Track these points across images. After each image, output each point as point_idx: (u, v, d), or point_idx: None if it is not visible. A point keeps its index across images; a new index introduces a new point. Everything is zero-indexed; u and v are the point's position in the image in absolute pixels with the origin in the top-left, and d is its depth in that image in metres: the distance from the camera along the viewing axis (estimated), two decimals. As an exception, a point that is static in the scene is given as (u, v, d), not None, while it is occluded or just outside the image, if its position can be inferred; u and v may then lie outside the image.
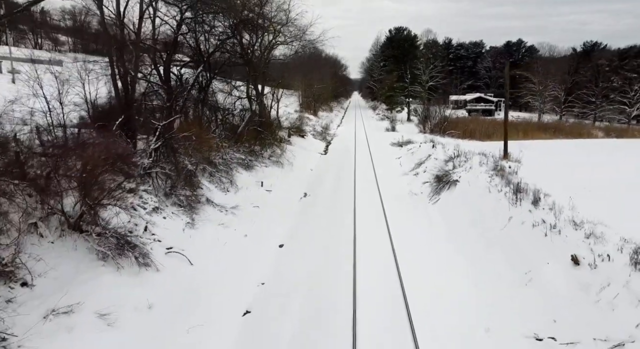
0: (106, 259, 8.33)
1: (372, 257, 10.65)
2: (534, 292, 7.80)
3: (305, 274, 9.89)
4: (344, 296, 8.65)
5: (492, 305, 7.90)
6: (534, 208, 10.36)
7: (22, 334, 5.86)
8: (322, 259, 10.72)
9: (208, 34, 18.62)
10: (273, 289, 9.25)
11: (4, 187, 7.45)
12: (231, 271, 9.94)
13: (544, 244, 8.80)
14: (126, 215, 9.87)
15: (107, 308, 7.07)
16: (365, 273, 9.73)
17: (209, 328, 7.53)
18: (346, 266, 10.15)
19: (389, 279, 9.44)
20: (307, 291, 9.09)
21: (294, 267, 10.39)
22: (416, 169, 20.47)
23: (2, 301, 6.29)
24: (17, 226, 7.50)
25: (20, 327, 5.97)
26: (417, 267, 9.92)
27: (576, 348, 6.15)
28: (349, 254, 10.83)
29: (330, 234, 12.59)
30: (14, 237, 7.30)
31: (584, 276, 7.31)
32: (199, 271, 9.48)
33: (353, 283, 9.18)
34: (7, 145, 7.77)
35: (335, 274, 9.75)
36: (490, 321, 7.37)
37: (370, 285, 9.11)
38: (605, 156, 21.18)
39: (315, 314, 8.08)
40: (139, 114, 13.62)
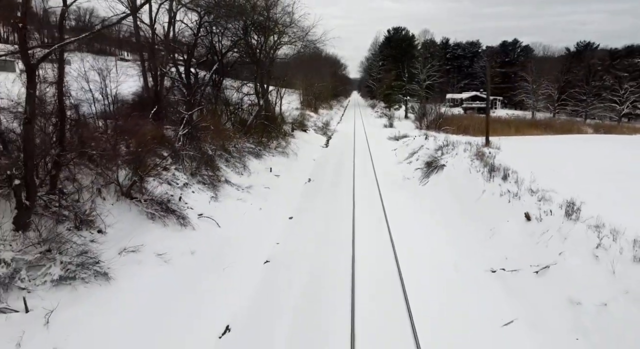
0: (154, 219, 10.39)
1: (368, 225, 12.71)
2: (494, 242, 9.88)
3: (312, 237, 11.95)
4: (345, 251, 10.70)
5: (461, 252, 9.99)
6: (503, 182, 12.44)
7: (107, 262, 7.91)
8: (326, 227, 12.77)
9: (221, 36, 20.66)
10: (286, 247, 11.30)
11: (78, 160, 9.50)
12: (251, 234, 11.99)
13: (507, 208, 10.87)
14: (164, 187, 11.95)
15: (162, 250, 9.14)
16: (362, 235, 11.78)
17: (239, 269, 9.59)
18: (346, 231, 12.20)
19: (382, 238, 11.51)
20: (315, 248, 11.13)
21: (302, 232, 12.45)
22: (410, 158, 22.52)
23: (89, 240, 8.34)
24: (88, 189, 9.56)
25: (104, 257, 8.01)
26: (405, 230, 12.00)
27: (518, 273, 8.23)
28: (348, 224, 12.88)
29: (333, 209, 14.65)
30: (87, 198, 9.37)
31: (532, 227, 9.38)
32: (226, 232, 11.53)
33: (352, 242, 11.24)
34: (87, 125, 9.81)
35: (338, 238, 11.79)
36: (459, 262, 9.46)
37: (366, 243, 11.17)
38: (579, 146, 23.27)
39: (321, 264, 10.11)
40: (165, 106, 15.65)
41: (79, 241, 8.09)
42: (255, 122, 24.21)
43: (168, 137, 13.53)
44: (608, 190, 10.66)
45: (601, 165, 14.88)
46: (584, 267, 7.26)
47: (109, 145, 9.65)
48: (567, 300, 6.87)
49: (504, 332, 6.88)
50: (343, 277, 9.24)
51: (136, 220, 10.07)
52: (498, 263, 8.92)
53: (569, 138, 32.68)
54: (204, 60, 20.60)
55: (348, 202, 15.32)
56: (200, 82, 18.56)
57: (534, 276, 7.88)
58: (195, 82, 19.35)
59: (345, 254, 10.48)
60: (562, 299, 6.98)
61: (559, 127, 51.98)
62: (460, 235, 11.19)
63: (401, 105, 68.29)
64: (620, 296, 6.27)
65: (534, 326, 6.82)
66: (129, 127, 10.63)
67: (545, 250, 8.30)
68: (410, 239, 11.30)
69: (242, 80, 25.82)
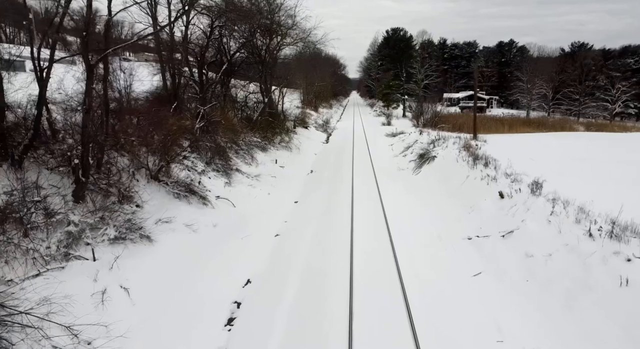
0: (180, 198, 12.05)
1: (365, 208, 14.34)
2: (473, 216, 11.55)
3: (316, 217, 13.59)
4: (344, 227, 12.32)
5: (445, 226, 11.67)
6: (484, 168, 14.12)
7: (147, 229, 9.55)
8: (327, 209, 14.41)
9: (229, 38, 22.30)
10: (293, 225, 12.94)
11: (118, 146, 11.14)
12: (262, 213, 13.63)
13: (485, 189, 12.54)
14: (185, 172, 13.60)
15: (189, 222, 10.79)
16: (360, 215, 13.41)
17: (254, 239, 11.24)
18: (345, 212, 13.82)
19: (376, 216, 13.15)
20: (318, 226, 12.75)
21: (307, 213, 14.10)
22: (405, 152, 24.19)
23: (130, 212, 9.98)
24: (125, 171, 11.21)
25: (144, 225, 9.65)
26: (397, 210, 13.66)
27: (488, 238, 9.89)
28: (347, 207, 14.49)
29: (334, 195, 16.29)
30: (124, 178, 11.01)
31: (504, 203, 11.04)
32: (241, 211, 13.19)
33: (351, 220, 12.89)
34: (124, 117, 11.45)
35: (338, 217, 13.40)
36: (442, 233, 11.13)
37: (363, 221, 12.81)
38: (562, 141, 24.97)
39: (324, 236, 11.72)
40: (182, 101, 17.30)
41: (124, 211, 9.74)
42: (260, 119, 25.85)
43: (189, 128, 15.15)
44: (570, 172, 12.37)
45: (573, 154, 16.57)
46: (539, 229, 8.92)
47: (142, 134, 11.27)
48: (524, 254, 8.54)
49: (473, 280, 8.54)
50: (343, 246, 10.86)
51: (165, 198, 11.71)
52: (474, 232, 10.60)
53: (557, 135, 34.37)
54: (214, 60, 22.22)
55: (347, 190, 16.96)
56: (211, 81, 20.19)
57: (501, 239, 9.55)
58: (207, 80, 21.00)
59: (344, 230, 12.11)
60: (519, 254, 8.65)
61: (551, 125, 53.68)
62: (445, 212, 12.85)
63: (399, 104, 69.91)
64: (561, 248, 7.93)
65: (496, 275, 8.48)
66: (158, 119, 12.26)
67: (512, 219, 9.97)
68: (402, 217, 12.96)
69: (248, 80, 27.48)
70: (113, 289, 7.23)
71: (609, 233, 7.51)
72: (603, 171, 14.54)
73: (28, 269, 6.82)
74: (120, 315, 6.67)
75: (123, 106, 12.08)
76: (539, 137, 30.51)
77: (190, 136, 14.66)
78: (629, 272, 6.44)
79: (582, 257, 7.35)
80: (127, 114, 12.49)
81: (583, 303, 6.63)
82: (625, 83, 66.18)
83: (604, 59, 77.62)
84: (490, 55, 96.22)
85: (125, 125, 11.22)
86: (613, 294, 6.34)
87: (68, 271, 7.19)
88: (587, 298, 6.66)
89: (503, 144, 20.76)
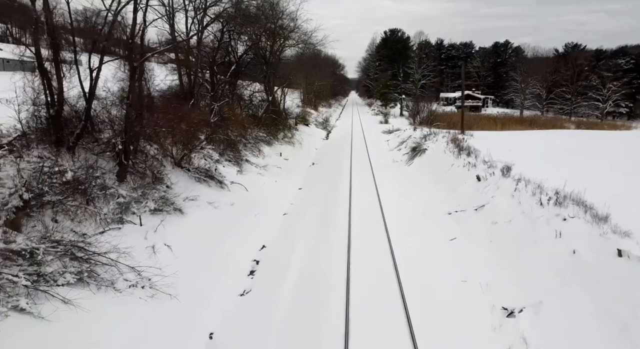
0: (200, 181, 13.90)
1: (361, 193, 16.22)
2: (454, 196, 13.43)
3: (318, 200, 15.45)
4: (343, 208, 14.20)
5: (430, 205, 13.54)
6: (467, 157, 16.01)
7: (179, 204, 11.39)
8: (328, 195, 16.27)
9: (236, 41, 24.15)
10: (299, 206, 14.79)
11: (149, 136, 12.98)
12: (271, 197, 15.49)
13: (466, 174, 14.42)
14: (202, 161, 15.45)
15: (211, 201, 12.63)
16: (357, 199, 15.30)
17: (266, 216, 13.10)
18: (344, 197, 15.71)
19: (371, 200, 15.04)
20: (320, 207, 14.61)
21: (310, 197, 15.95)
22: (399, 146, 26.08)
23: (162, 191, 11.82)
24: (154, 158, 13.05)
25: (176, 201, 11.49)
26: (389, 194, 15.55)
27: (464, 212, 11.76)
28: (345, 193, 16.38)
29: (334, 183, 18.16)
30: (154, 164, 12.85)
31: (479, 184, 12.93)
32: (252, 194, 15.03)
33: (349, 202, 14.76)
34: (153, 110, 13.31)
35: (337, 201, 15.28)
36: (427, 210, 13.01)
37: (359, 203, 14.69)
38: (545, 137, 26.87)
39: (325, 216, 13.59)
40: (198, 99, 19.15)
41: (158, 190, 11.58)
42: (265, 116, 27.70)
43: (207, 122, 16.99)
44: (538, 160, 14.26)
45: (549, 148, 18.46)
46: (504, 203, 10.80)
47: (170, 125, 13.12)
48: (490, 222, 10.41)
49: (450, 243, 10.41)
50: (342, 223, 12.70)
51: (188, 182, 13.56)
52: (453, 209, 12.47)
53: (545, 132, 36.27)
54: (222, 62, 24.07)
55: (345, 179, 18.83)
56: (222, 81, 22.05)
57: (474, 212, 11.43)
58: (217, 80, 22.84)
59: (343, 210, 13.97)
60: (487, 222, 10.52)
61: (542, 124, 55.57)
62: (431, 195, 14.74)
63: (397, 103, 71.82)
64: (519, 215, 9.80)
65: (468, 239, 10.35)
66: (182, 113, 14.10)
67: (484, 196, 11.86)
68: (393, 199, 14.85)
69: (253, 80, 29.33)
70: (159, 245, 9.08)
71: (554, 201, 9.39)
72: (567, 160, 16.47)
73: (95, 227, 8.67)
74: (167, 263, 8.51)
75: (152, 101, 13.88)
76: (525, 133, 32.42)
77: (206, 129, 16.49)
78: (563, 227, 8.30)
79: (533, 220, 9.22)
80: (156, 109, 14.32)
81: (529, 253, 8.49)
82: (616, 83, 68.21)
83: (596, 60, 79.72)
84: (486, 56, 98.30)
85: (155, 117, 13.04)
86: (550, 244, 8.20)
87: (124, 231, 9.04)
88: (532, 249, 8.52)
89: (489, 139, 22.66)
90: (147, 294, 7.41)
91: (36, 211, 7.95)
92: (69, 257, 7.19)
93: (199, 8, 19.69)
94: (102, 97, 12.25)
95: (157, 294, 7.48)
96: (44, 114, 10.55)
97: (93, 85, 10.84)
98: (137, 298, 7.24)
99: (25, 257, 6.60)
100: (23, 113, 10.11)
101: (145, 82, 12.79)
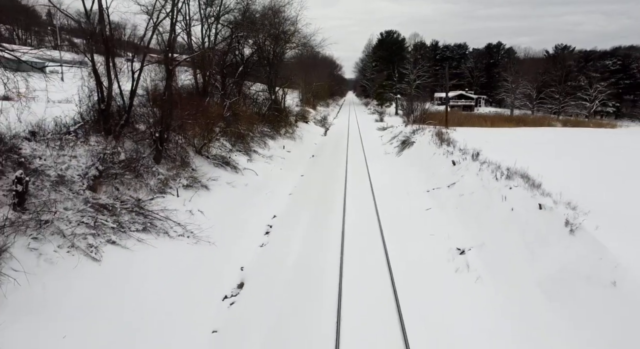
0: (218, 166, 16.35)
1: (355, 178, 18.72)
2: (432, 178, 15.95)
3: (318, 184, 17.93)
4: (339, 190, 16.68)
5: (412, 185, 16.06)
6: (447, 147, 18.53)
7: (204, 182, 13.84)
8: (326, 180, 18.76)
9: (243, 45, 26.59)
10: (302, 188, 17.27)
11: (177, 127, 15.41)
12: (277, 181, 17.95)
13: (444, 160, 16.93)
14: (218, 150, 17.91)
15: (229, 181, 15.09)
16: (351, 183, 17.79)
17: (274, 195, 15.57)
18: (340, 182, 18.20)
19: (363, 183, 17.53)
20: (320, 189, 17.09)
21: (311, 182, 18.43)
22: (391, 141, 28.60)
23: (190, 172, 14.26)
24: (180, 146, 15.49)
25: (202, 180, 13.94)
26: (379, 178, 18.06)
27: (439, 189, 14.28)
28: (342, 178, 18.87)
29: (331, 172, 20.65)
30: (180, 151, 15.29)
31: (454, 168, 15.44)
32: (262, 179, 17.49)
33: (344, 185, 17.25)
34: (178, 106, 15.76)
35: (334, 185, 17.77)
36: (409, 189, 15.53)
37: (353, 185, 17.18)
38: (526, 133, 29.43)
39: (324, 195, 16.08)
40: (212, 96, 21.59)
41: (186, 171, 14.03)
42: (268, 113, 30.15)
43: (223, 116, 19.43)
44: (506, 149, 16.78)
45: (522, 140, 21.00)
46: (470, 180, 13.30)
47: (194, 117, 15.57)
48: (458, 195, 12.92)
49: (425, 212, 12.91)
50: (338, 202, 15.18)
51: (209, 166, 16.02)
52: (431, 187, 15.00)
53: (529, 129, 38.85)
54: (230, 63, 26.51)
55: (342, 168, 21.32)
56: (231, 81, 24.50)
57: (447, 189, 13.95)
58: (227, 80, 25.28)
59: (339, 192, 16.46)
60: (456, 195, 13.03)
61: (531, 122, 58.20)
62: (415, 178, 17.26)
63: (392, 103, 74.41)
64: (480, 188, 12.30)
65: (439, 208, 12.86)
66: (203, 108, 16.55)
67: (456, 176, 14.37)
68: (382, 182, 17.35)
69: (256, 80, 31.78)
70: (194, 211, 11.53)
71: (505, 176, 11.91)
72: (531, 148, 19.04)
73: (146, 194, 11.12)
74: (202, 222, 10.96)
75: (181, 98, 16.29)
76: (509, 130, 34.95)
77: (221, 123, 18.94)
78: (508, 194, 10.79)
79: (489, 191, 11.72)
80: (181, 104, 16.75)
81: (483, 213, 10.99)
82: (603, 83, 70.99)
83: (585, 61, 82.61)
84: (480, 57, 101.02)
85: (181, 112, 15.47)
86: (498, 206, 10.69)
87: (166, 199, 11.48)
88: (485, 211, 11.02)
89: (471, 133, 25.21)
90: (192, 241, 9.88)
91: (105, 180, 10.39)
92: (134, 213, 9.66)
93: (209, 16, 22.20)
94: (139, 94, 14.66)
95: (199, 242, 9.95)
96: (96, 108, 12.98)
97: (135, 85, 13.28)
98: (185, 243, 9.71)
99: (109, 209, 9.05)
100: (83, 107, 12.54)
101: (175, 82, 15.20)
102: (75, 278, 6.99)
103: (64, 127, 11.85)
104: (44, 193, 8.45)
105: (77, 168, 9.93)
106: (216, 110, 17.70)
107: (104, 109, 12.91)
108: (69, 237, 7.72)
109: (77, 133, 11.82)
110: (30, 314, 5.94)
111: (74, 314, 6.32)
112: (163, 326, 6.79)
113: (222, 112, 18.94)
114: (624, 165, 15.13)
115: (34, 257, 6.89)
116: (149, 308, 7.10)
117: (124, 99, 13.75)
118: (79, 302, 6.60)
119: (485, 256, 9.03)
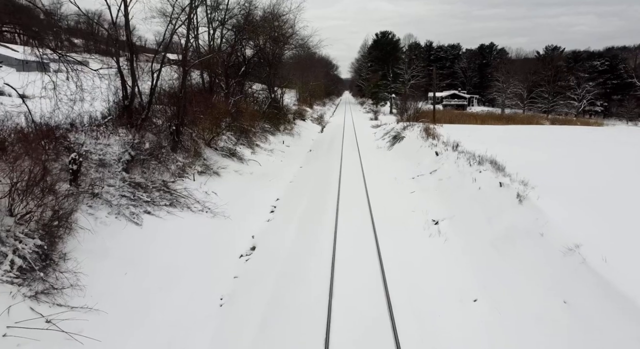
0: (226, 157, 18.20)
1: (349, 169, 20.63)
2: (418, 167, 17.89)
3: (315, 175, 19.81)
4: (334, 178, 18.57)
5: (400, 172, 17.99)
6: (432, 141, 20.47)
7: (215, 169, 15.67)
8: (323, 171, 20.65)
9: (245, 47, 28.44)
10: (301, 177, 19.14)
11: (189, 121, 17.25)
12: (279, 171, 19.80)
13: (429, 152, 18.87)
14: (224, 143, 19.75)
15: (236, 170, 16.95)
16: (346, 173, 19.69)
17: (276, 182, 17.42)
18: (335, 172, 20.09)
19: (356, 173, 19.43)
20: (317, 179, 18.96)
21: (309, 173, 20.31)
22: (384, 136, 30.53)
23: (203, 161, 16.09)
24: (193, 137, 17.33)
25: (213, 167, 15.76)
26: (371, 168, 19.98)
27: (423, 176, 16.21)
28: (337, 169, 20.76)
29: (328, 164, 22.54)
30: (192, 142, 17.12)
31: (437, 158, 17.37)
32: (264, 168, 19.35)
33: (339, 174, 19.15)
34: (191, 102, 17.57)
35: (330, 175, 19.65)
36: (397, 176, 17.46)
37: (347, 175, 19.08)
38: (510, 129, 31.45)
39: (322, 184, 17.94)
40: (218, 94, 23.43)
41: (199, 160, 15.87)
42: (268, 111, 31.99)
43: (229, 112, 21.27)
44: (485, 141, 18.74)
45: (503, 135, 22.98)
46: (449, 168, 15.23)
47: (205, 112, 17.41)
48: (438, 180, 14.84)
49: (410, 194, 14.83)
50: (334, 187, 17.07)
51: (218, 157, 17.86)
52: (416, 174, 16.93)
53: (516, 127, 40.94)
54: (233, 64, 28.34)
55: (337, 161, 23.20)
56: (234, 80, 26.34)
57: (430, 175, 15.88)
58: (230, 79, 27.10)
59: (334, 180, 18.34)
60: (436, 180, 14.96)
61: (520, 120, 60.33)
62: (403, 167, 19.20)
63: (386, 102, 76.39)
64: (456, 173, 14.22)
65: (422, 190, 14.79)
66: (212, 104, 18.38)
67: (437, 164, 16.31)
68: (373, 172, 19.27)
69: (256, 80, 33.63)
70: (209, 192, 13.38)
71: (477, 162, 13.85)
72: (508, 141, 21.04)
73: (169, 177, 12.96)
74: (216, 201, 12.81)
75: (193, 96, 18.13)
76: (496, 127, 36.98)
77: (226, 119, 20.78)
78: (478, 176, 12.71)
79: (463, 175, 13.65)
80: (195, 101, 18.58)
81: (456, 193, 12.91)
82: (591, 83, 73.35)
83: (574, 61, 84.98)
84: (472, 57, 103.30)
85: (193, 108, 17.31)
86: (469, 186, 12.61)
87: (184, 182, 13.33)
88: (458, 191, 12.94)
89: (457, 129, 27.17)
90: (210, 215, 11.74)
91: (136, 164, 12.21)
92: (162, 191, 11.50)
93: (214, 20, 24.05)
94: (157, 92, 16.47)
95: (216, 216, 11.81)
96: (121, 104, 14.79)
97: (154, 84, 15.10)
98: (205, 217, 11.57)
99: (142, 187, 10.90)
100: (110, 103, 14.36)
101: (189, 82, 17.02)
102: (124, 236, 8.83)
103: (95, 120, 13.67)
104: (91, 172, 10.28)
105: (112, 154, 11.75)
106: (222, 107, 19.55)
107: (128, 104, 14.73)
108: (115, 207, 9.56)
109: (107, 125, 13.63)
110: (99, 258, 7.78)
111: (129, 261, 8.17)
112: (196, 272, 8.66)
113: (227, 109, 20.76)
114: (585, 152, 17.16)
115: (92, 220, 8.72)
116: (184, 260, 8.96)
117: (141, 96, 15.57)
118: (131, 253, 8.45)
119: (454, 224, 10.95)
